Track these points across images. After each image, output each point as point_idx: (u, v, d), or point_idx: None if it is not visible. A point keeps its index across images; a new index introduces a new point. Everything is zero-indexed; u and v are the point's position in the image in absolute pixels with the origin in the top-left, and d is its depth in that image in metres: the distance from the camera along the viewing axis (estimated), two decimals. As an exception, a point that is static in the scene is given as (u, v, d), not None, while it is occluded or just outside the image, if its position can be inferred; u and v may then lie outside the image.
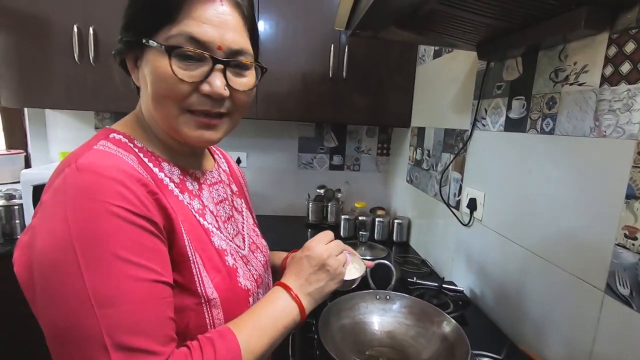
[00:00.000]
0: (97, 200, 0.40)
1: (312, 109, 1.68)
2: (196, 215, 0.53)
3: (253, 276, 0.59)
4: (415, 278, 1.19)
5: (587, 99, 0.75)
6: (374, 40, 1.03)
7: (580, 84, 0.77)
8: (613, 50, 0.69)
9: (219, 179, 0.64)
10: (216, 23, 0.47)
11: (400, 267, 1.35)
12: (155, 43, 0.46)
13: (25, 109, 1.86)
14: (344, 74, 1.64)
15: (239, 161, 1.99)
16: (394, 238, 1.74)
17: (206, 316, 0.48)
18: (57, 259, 0.39)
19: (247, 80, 0.52)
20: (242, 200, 0.71)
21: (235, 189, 0.70)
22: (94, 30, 1.49)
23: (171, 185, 0.52)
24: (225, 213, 0.62)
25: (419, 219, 1.66)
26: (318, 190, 1.96)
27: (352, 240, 1.23)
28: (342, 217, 1.78)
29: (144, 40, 0.46)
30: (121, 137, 0.50)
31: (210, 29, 0.46)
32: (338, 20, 0.98)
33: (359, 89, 1.68)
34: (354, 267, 0.69)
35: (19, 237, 1.43)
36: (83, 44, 1.49)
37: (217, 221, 0.58)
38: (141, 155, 0.50)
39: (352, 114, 1.71)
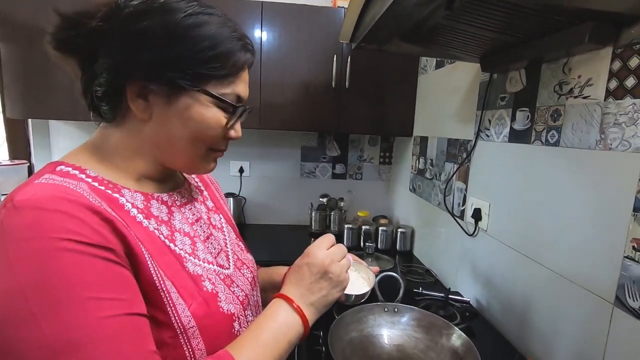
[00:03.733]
0: (43, 237, 0.36)
1: (315, 118, 1.69)
2: (166, 241, 0.50)
3: (238, 298, 0.56)
4: (420, 288, 1.18)
5: (592, 112, 0.76)
6: (377, 52, 1.05)
7: (584, 97, 0.78)
8: (617, 65, 0.70)
9: (190, 198, 0.62)
10: (247, 82, 0.56)
11: (404, 276, 1.35)
12: (215, 95, 0.50)
13: (29, 119, 1.87)
14: (346, 84, 1.65)
15: (241, 170, 2.00)
16: (398, 247, 1.74)
17: (185, 349, 0.45)
18: (7, 313, 0.35)
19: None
20: (221, 215, 0.68)
21: (211, 205, 0.67)
22: (99, 42, 1.50)
23: (134, 211, 0.48)
24: (204, 232, 0.59)
25: (423, 228, 1.66)
26: (321, 199, 1.97)
27: (357, 252, 1.22)
28: (345, 226, 1.79)
29: (197, 88, 0.48)
30: (70, 169, 0.46)
31: (246, 89, 0.55)
32: (343, 34, 0.99)
33: (362, 98, 1.70)
34: (362, 278, 0.69)
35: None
36: (88, 55, 1.50)
37: (193, 243, 0.55)
38: (95, 184, 0.46)
39: (354, 123, 1.72)
